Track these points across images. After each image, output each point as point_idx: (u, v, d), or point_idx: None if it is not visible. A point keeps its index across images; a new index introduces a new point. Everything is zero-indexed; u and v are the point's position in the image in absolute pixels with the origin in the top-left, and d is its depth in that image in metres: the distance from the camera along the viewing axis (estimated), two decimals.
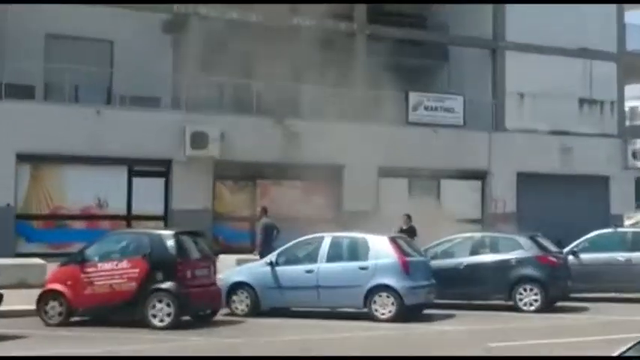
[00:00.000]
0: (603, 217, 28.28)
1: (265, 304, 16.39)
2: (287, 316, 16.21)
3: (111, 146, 23.57)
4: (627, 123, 34.57)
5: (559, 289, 17.47)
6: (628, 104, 35.55)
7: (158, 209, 24.95)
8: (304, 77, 29.21)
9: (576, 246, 19.85)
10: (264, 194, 26.54)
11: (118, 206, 24.39)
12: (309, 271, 16.19)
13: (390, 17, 30.74)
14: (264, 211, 21.11)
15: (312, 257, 16.43)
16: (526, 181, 29.01)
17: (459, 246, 18.32)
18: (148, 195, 24.80)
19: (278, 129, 25.70)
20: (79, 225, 24.11)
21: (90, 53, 25.94)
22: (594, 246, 19.93)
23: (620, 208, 30.34)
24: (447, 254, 18.08)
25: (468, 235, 18.63)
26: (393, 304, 15.48)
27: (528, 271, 17.13)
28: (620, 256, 19.38)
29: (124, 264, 14.81)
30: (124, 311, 14.76)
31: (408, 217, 20.93)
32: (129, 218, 24.51)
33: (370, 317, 15.56)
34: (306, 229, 19.68)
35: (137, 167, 24.80)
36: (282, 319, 15.84)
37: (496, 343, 12.69)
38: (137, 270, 14.61)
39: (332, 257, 16.22)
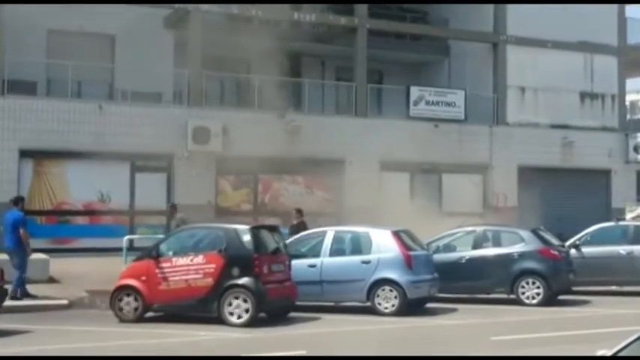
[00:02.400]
0: (605, 210, 28.35)
1: None
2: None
3: (113, 141, 23.59)
4: (628, 117, 34.54)
5: (561, 282, 17.48)
6: (629, 98, 35.53)
7: (161, 204, 24.96)
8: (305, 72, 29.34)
9: (578, 239, 19.86)
10: (266, 189, 26.61)
11: (120, 201, 24.43)
12: (312, 266, 16.19)
13: (391, 12, 30.77)
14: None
15: (315, 252, 16.40)
16: (527, 174, 28.99)
17: (461, 240, 18.31)
18: (151, 190, 24.83)
19: (280, 123, 25.70)
20: (81, 220, 24.18)
21: (92, 48, 25.94)
22: (596, 239, 19.93)
23: (622, 202, 30.34)
24: (449, 248, 18.09)
25: (470, 228, 18.59)
26: (395, 297, 15.49)
27: (530, 264, 17.14)
28: (622, 249, 19.38)
29: (200, 259, 14.42)
30: (199, 307, 14.41)
31: (298, 211, 20.52)
32: (131, 213, 24.57)
33: (373, 311, 15.56)
34: (308, 223, 19.78)
35: (139, 162, 24.83)
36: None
37: (498, 337, 12.73)
38: (213, 265, 14.23)
39: (335, 252, 16.21)
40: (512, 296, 17.05)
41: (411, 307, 15.54)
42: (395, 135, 26.52)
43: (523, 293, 16.96)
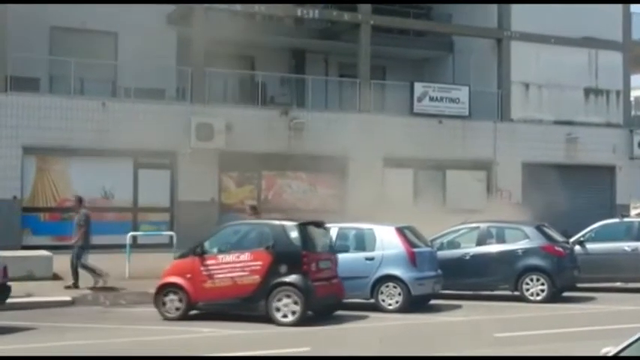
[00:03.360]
0: (609, 207, 28.31)
1: None
2: None
3: (116, 138, 23.57)
4: (633, 113, 34.43)
5: (565, 279, 17.46)
6: (634, 94, 35.42)
7: (164, 201, 25.03)
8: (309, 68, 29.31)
9: (582, 236, 19.83)
10: (270, 185, 26.62)
11: (124, 198, 24.47)
12: None
13: (395, 8, 30.70)
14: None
15: None
16: (532, 171, 28.96)
17: (465, 236, 18.29)
18: (154, 187, 24.86)
19: (283, 120, 25.71)
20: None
21: (95, 45, 25.94)
22: (600, 236, 19.91)
23: (626, 198, 30.30)
24: (453, 245, 18.06)
25: (474, 225, 18.55)
26: (399, 294, 15.49)
27: (535, 261, 17.11)
28: (627, 245, 19.33)
29: (246, 256, 14.13)
30: (246, 306, 14.13)
31: (253, 208, 20.30)
32: (135, 210, 24.59)
33: (377, 308, 15.55)
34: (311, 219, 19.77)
35: (142, 159, 24.83)
36: None
37: (502, 334, 12.71)
38: (260, 263, 13.95)
39: (339, 248, 16.20)
40: (517, 293, 17.03)
41: (415, 303, 15.52)
42: (398, 131, 26.45)
43: (527, 290, 16.93)
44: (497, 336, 12.53)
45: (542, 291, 16.83)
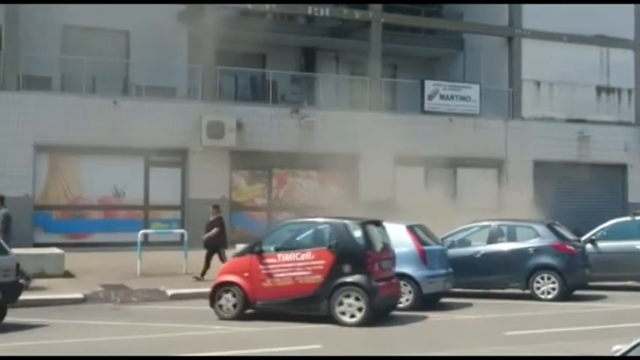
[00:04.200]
0: (621, 205, 28.19)
1: None
2: None
3: (128, 136, 23.67)
4: None
5: (577, 277, 17.38)
6: None
7: (175, 199, 25.10)
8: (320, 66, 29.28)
9: (594, 234, 19.74)
10: (281, 184, 26.65)
11: (135, 196, 24.58)
12: None
13: (406, 6, 30.65)
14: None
15: None
16: (543, 169, 28.91)
17: (476, 234, 18.24)
18: (165, 185, 24.97)
19: (294, 118, 25.73)
20: (96, 215, 24.31)
21: (106, 44, 26.07)
22: (612, 234, 19.82)
23: (638, 197, 30.16)
24: (464, 243, 18.02)
25: (485, 223, 18.50)
26: (410, 292, 15.43)
27: (546, 259, 17.06)
28: (639, 244, 19.28)
29: (308, 255, 13.80)
30: (307, 306, 13.79)
31: (215, 207, 20.15)
32: (146, 208, 24.67)
33: None
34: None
35: (154, 157, 24.91)
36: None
37: (513, 332, 12.70)
38: (322, 262, 13.65)
39: None
40: (527, 291, 16.98)
41: (426, 301, 15.47)
42: (409, 129, 26.42)
43: (538, 288, 16.88)
44: (508, 334, 12.53)
45: (553, 289, 16.78)
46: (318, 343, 11.83)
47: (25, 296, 14.50)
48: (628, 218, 21.18)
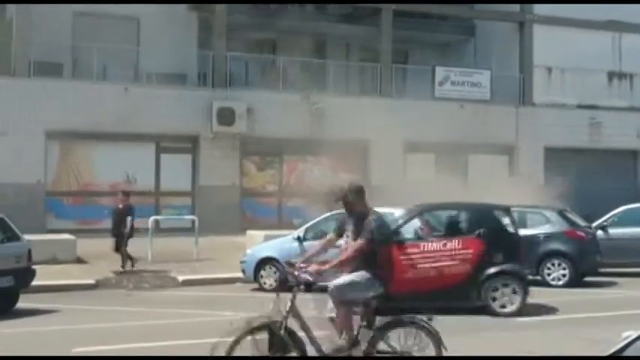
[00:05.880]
0: (632, 191, 28.05)
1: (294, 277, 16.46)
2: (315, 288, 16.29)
3: (139, 123, 23.75)
4: None
5: (587, 264, 17.35)
6: None
7: (186, 185, 25.16)
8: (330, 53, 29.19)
9: (605, 221, 19.67)
10: (291, 170, 26.68)
11: (146, 182, 24.65)
12: (336, 246, 16.19)
13: None
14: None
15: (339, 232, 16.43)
16: (554, 155, 28.81)
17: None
18: (176, 171, 25.05)
19: (304, 105, 25.70)
20: (107, 201, 24.27)
21: (117, 31, 26.07)
22: (623, 221, 19.74)
23: None
24: None
25: None
26: None
27: (557, 245, 17.03)
28: None
29: (455, 244, 13.24)
30: (455, 296, 13.06)
31: (125, 194, 19.38)
32: (157, 194, 24.75)
33: None
34: (331, 204, 19.75)
35: (164, 144, 25.03)
36: (309, 293, 15.94)
37: (522, 318, 12.71)
38: (471, 250, 13.14)
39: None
40: (538, 277, 16.93)
41: None
42: (420, 116, 26.41)
43: (549, 274, 16.86)
44: (518, 320, 12.55)
45: (564, 275, 16.75)
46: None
47: (36, 282, 14.58)
48: (639, 205, 21.12)
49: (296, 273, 7.85)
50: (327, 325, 7.74)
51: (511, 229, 13.72)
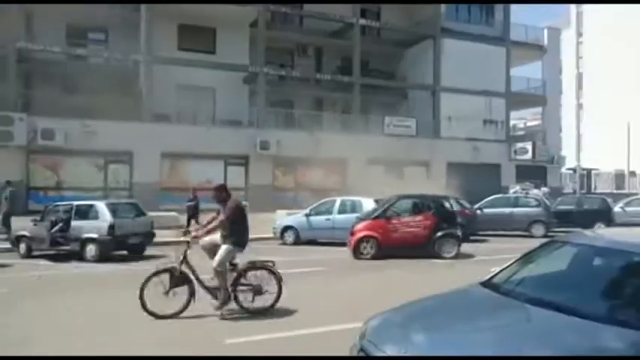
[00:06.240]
0: (497, 188, 28.13)
1: (303, 238, 16.54)
2: (315, 244, 16.34)
3: (214, 148, 23.79)
4: (511, 133, 34.13)
5: (470, 229, 17.06)
6: (512, 123, 35.12)
7: (241, 184, 25.17)
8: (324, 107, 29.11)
9: (481, 205, 19.81)
10: (302, 176, 26.68)
11: (218, 182, 24.54)
12: (328, 219, 16.30)
13: (374, 72, 30.60)
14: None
15: (329, 211, 16.49)
16: (452, 167, 28.88)
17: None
18: (236, 176, 25.01)
19: (310, 138, 25.73)
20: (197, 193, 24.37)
21: (202, 95, 26.12)
22: (492, 204, 19.89)
23: (507, 182, 30.16)
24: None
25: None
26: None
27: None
28: (506, 210, 19.35)
29: (419, 218, 13.13)
30: (420, 248, 12.96)
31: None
32: None
33: None
34: (325, 195, 19.87)
35: (229, 160, 25.02)
36: (312, 246, 15.98)
37: (457, 260, 12.60)
38: (429, 222, 13.09)
39: (341, 211, 16.31)
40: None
41: None
42: (376, 144, 26.45)
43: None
44: (455, 261, 12.41)
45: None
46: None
47: (156, 239, 14.59)
48: (501, 195, 21.29)
49: (191, 235, 7.44)
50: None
51: (450, 209, 13.74)
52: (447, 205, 13.66)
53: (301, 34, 28.97)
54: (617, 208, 21.21)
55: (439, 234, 13.02)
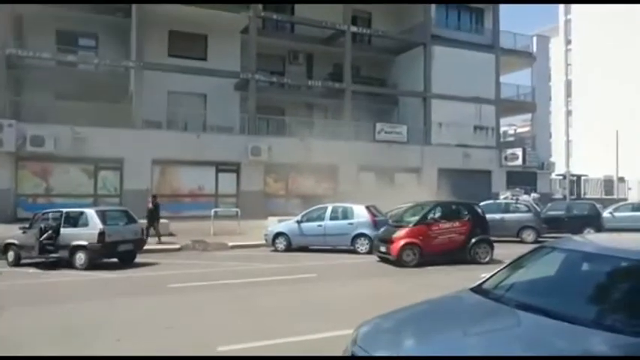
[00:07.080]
0: (487, 194, 28.29)
1: (295, 244, 16.52)
2: (307, 251, 16.30)
3: (206, 155, 23.69)
4: (501, 140, 34.37)
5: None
6: (502, 129, 35.38)
7: (232, 190, 25.09)
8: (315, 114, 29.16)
9: None
10: (293, 182, 26.66)
11: (210, 189, 24.52)
12: (319, 226, 16.29)
13: (364, 79, 30.73)
14: None
15: (321, 217, 16.46)
16: (443, 173, 29.00)
17: (409, 211, 18.17)
18: (227, 182, 24.91)
19: (300, 144, 25.73)
20: (188, 200, 24.26)
21: (193, 101, 26.04)
22: (485, 210, 19.82)
23: (497, 188, 30.33)
24: (396, 217, 17.93)
25: (409, 205, 18.41)
26: (367, 243, 15.57)
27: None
28: (498, 216, 19.41)
29: (456, 223, 13.14)
30: (458, 254, 13.01)
31: (153, 196, 18.37)
32: (216, 196, 24.65)
33: (354, 252, 15.63)
34: (317, 201, 19.85)
35: (221, 167, 24.91)
36: (304, 253, 15.95)
37: (491, 265, 12.66)
38: (465, 228, 13.14)
39: (333, 217, 16.30)
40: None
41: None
42: (367, 150, 26.52)
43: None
44: (490, 265, 12.42)
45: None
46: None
47: (147, 246, 14.51)
48: (491, 201, 21.36)
49: None
50: None
51: (483, 215, 13.59)
52: (479, 211, 13.61)
53: (292, 40, 29.04)
54: (606, 214, 21.38)
55: (474, 239, 13.07)
